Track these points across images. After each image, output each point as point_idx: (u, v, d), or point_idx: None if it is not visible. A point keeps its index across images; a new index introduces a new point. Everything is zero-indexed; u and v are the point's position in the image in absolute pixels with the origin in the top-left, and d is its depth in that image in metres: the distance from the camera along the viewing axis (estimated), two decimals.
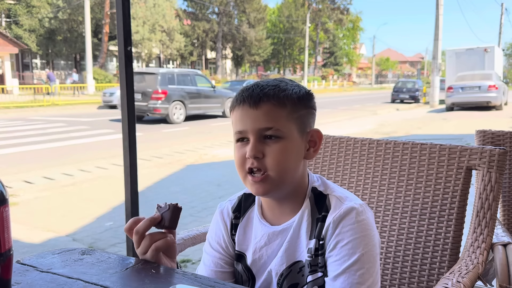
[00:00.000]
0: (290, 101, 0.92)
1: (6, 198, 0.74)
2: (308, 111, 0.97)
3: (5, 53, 26.55)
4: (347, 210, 0.92)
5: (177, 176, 6.20)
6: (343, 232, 0.91)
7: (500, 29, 39.04)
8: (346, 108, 19.93)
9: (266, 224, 1.01)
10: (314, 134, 0.97)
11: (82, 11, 27.52)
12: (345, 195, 0.96)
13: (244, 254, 1.05)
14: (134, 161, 2.32)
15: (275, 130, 0.91)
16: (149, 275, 0.87)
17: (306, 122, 0.96)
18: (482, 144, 1.86)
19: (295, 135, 0.93)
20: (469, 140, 8.33)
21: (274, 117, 0.91)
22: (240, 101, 0.94)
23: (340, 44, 57.89)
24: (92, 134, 10.89)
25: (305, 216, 0.97)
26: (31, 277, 0.84)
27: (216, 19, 42.77)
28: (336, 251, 0.91)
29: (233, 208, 1.08)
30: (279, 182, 0.93)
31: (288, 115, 0.92)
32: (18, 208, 4.59)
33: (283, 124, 0.91)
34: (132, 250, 2.34)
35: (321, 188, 0.99)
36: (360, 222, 0.91)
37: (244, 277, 1.05)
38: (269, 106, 0.91)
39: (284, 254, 0.98)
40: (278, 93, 0.92)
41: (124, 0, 2.15)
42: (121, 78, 2.25)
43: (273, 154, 0.91)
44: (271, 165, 0.91)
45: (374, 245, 0.91)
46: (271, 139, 0.91)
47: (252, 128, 0.92)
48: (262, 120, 0.91)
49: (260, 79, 1.09)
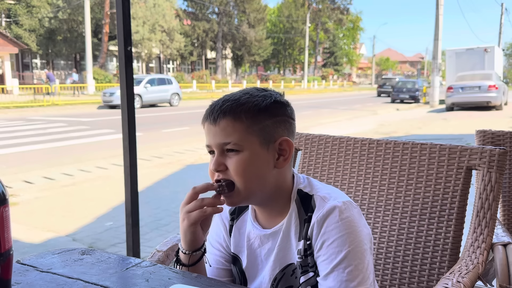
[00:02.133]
0: (249, 114, 0.93)
1: (6, 198, 0.74)
2: (276, 120, 0.96)
3: (5, 53, 26.54)
4: (330, 209, 0.92)
5: (177, 176, 6.20)
6: (328, 232, 0.92)
7: (500, 29, 39.03)
8: (346, 108, 19.93)
9: (257, 227, 1.03)
10: (283, 143, 0.97)
11: (82, 11, 27.51)
12: (330, 194, 0.97)
13: (239, 257, 1.07)
14: (134, 161, 2.32)
15: (234, 144, 0.93)
16: (149, 275, 0.87)
17: (272, 132, 0.95)
18: (482, 144, 1.86)
19: (256, 147, 0.94)
20: (469, 140, 8.33)
21: (231, 132, 0.93)
22: (205, 117, 0.97)
23: (340, 44, 57.91)
24: (92, 134, 10.89)
25: (293, 219, 0.98)
26: (31, 277, 0.84)
27: (216, 19, 42.76)
28: (323, 251, 0.92)
29: (230, 210, 1.10)
30: (246, 193, 0.95)
31: (247, 128, 0.93)
32: (18, 208, 4.59)
33: (242, 137, 0.93)
34: (132, 250, 2.34)
35: (307, 189, 1.00)
36: (344, 219, 0.91)
37: (236, 280, 1.08)
38: (226, 122, 0.93)
39: (276, 258, 1.00)
40: (235, 108, 0.93)
41: (124, 0, 2.15)
42: (121, 78, 2.25)
43: (234, 166, 0.94)
44: (233, 175, 0.94)
45: (361, 241, 0.92)
46: (232, 151, 0.94)
47: (214, 143, 0.95)
48: (221, 136, 0.94)
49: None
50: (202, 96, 28.11)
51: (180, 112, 17.44)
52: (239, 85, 37.04)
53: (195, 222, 0.96)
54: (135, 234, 2.35)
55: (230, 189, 0.95)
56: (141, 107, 18.85)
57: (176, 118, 14.69)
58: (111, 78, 28.94)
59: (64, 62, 36.57)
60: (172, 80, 21.64)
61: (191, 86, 33.01)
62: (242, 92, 0.98)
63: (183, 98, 22.97)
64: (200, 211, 0.95)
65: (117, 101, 17.45)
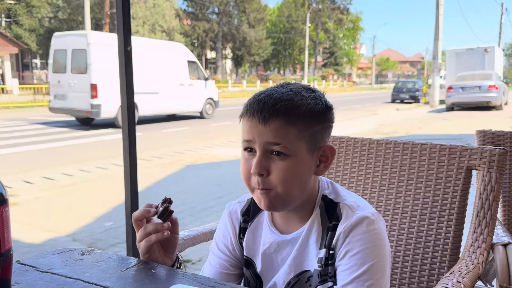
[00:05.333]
0: (303, 119, 0.88)
1: (6, 198, 0.74)
2: (323, 126, 0.92)
3: (5, 53, 26.53)
4: (358, 220, 0.89)
5: (177, 176, 6.19)
6: (353, 242, 0.89)
7: (500, 29, 39.04)
8: (346, 108, 19.92)
9: (275, 232, 0.99)
10: (326, 150, 0.93)
11: (82, 11, 27.50)
12: (357, 204, 0.94)
13: (253, 261, 1.03)
14: (134, 161, 2.32)
15: (283, 147, 0.87)
16: (149, 275, 0.87)
17: (319, 138, 0.92)
18: (482, 144, 1.86)
19: (303, 154, 0.89)
20: (469, 140, 8.33)
21: (283, 134, 0.87)
22: (250, 114, 0.89)
23: (340, 44, 57.92)
24: (92, 134, 10.89)
25: (315, 226, 0.95)
26: (31, 277, 0.84)
27: (216, 19, 42.78)
28: (345, 261, 0.89)
29: (242, 211, 1.05)
30: (285, 199, 0.90)
31: (299, 134, 0.88)
32: (18, 208, 4.59)
33: (292, 142, 0.87)
34: (132, 250, 2.34)
35: (332, 195, 0.96)
36: (371, 231, 0.89)
37: (251, 282, 1.03)
38: (278, 123, 0.87)
39: (292, 263, 0.96)
40: (290, 110, 0.87)
41: (124, 0, 2.15)
42: (121, 78, 2.25)
43: (278, 172, 0.88)
44: (276, 183, 0.88)
45: (384, 255, 0.89)
46: (278, 155, 0.88)
47: (259, 141, 0.88)
48: (270, 135, 0.87)
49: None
50: None
51: None
52: (239, 85, 37.04)
53: (147, 251, 0.93)
54: (135, 234, 2.34)
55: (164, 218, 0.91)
56: None
57: (176, 118, 14.68)
58: None
59: None
60: None
61: None
62: (292, 91, 0.90)
63: None
64: (146, 241, 0.92)
65: None
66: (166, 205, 0.91)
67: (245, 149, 0.92)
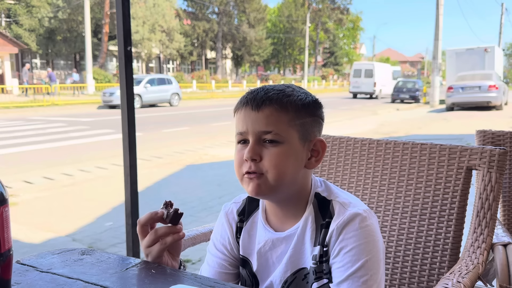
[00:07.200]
0: (293, 107, 0.92)
1: (6, 198, 0.73)
2: (313, 119, 0.95)
3: (5, 53, 26.54)
4: (351, 216, 0.91)
5: (177, 176, 6.19)
6: (346, 239, 0.90)
7: (500, 29, 39.04)
8: (346, 108, 19.92)
9: (270, 230, 1.01)
10: (317, 144, 0.96)
11: (82, 11, 27.51)
12: (349, 201, 0.95)
13: (249, 260, 1.04)
14: (134, 161, 2.32)
15: (274, 134, 0.90)
16: (149, 275, 0.87)
17: (310, 130, 0.94)
18: (482, 144, 1.86)
19: (295, 142, 0.92)
20: (469, 140, 8.33)
21: (274, 121, 0.90)
22: (243, 103, 0.94)
23: (340, 44, 57.92)
24: (92, 134, 10.89)
25: (309, 223, 0.96)
26: (31, 277, 0.84)
27: (216, 19, 42.77)
28: (340, 258, 0.90)
29: (238, 211, 1.07)
30: (274, 185, 0.91)
31: (289, 121, 0.91)
32: (18, 208, 4.59)
33: (284, 129, 0.91)
34: (132, 250, 2.34)
35: (325, 193, 0.98)
36: (364, 228, 0.90)
37: (248, 281, 1.04)
38: (270, 109, 0.91)
39: (289, 261, 0.97)
40: (282, 98, 0.92)
41: (124, 0, 2.15)
42: (121, 78, 2.25)
43: (270, 157, 0.90)
44: (268, 167, 0.90)
45: (378, 251, 0.91)
46: (270, 143, 0.91)
47: (252, 130, 0.92)
48: (262, 123, 0.91)
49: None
50: (202, 96, 28.13)
51: (180, 112, 17.44)
52: (239, 85, 37.04)
53: (158, 256, 0.93)
54: (135, 234, 2.34)
55: (175, 222, 0.93)
56: (141, 107, 18.85)
57: (176, 118, 14.69)
58: (111, 78, 28.93)
59: (64, 62, 36.57)
60: (172, 80, 21.63)
61: (191, 86, 33.01)
62: (283, 85, 0.96)
63: (183, 98, 22.98)
64: (160, 244, 0.92)
65: (117, 101, 17.44)
66: (176, 208, 0.94)
67: (239, 142, 0.96)
